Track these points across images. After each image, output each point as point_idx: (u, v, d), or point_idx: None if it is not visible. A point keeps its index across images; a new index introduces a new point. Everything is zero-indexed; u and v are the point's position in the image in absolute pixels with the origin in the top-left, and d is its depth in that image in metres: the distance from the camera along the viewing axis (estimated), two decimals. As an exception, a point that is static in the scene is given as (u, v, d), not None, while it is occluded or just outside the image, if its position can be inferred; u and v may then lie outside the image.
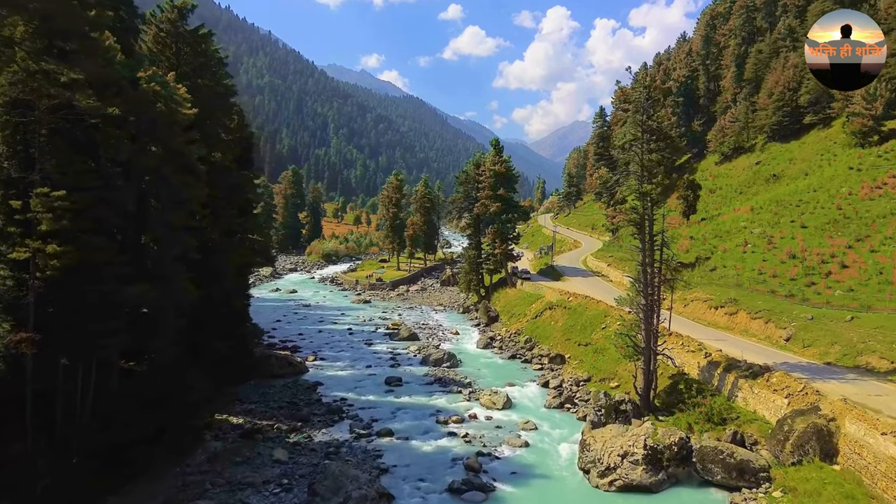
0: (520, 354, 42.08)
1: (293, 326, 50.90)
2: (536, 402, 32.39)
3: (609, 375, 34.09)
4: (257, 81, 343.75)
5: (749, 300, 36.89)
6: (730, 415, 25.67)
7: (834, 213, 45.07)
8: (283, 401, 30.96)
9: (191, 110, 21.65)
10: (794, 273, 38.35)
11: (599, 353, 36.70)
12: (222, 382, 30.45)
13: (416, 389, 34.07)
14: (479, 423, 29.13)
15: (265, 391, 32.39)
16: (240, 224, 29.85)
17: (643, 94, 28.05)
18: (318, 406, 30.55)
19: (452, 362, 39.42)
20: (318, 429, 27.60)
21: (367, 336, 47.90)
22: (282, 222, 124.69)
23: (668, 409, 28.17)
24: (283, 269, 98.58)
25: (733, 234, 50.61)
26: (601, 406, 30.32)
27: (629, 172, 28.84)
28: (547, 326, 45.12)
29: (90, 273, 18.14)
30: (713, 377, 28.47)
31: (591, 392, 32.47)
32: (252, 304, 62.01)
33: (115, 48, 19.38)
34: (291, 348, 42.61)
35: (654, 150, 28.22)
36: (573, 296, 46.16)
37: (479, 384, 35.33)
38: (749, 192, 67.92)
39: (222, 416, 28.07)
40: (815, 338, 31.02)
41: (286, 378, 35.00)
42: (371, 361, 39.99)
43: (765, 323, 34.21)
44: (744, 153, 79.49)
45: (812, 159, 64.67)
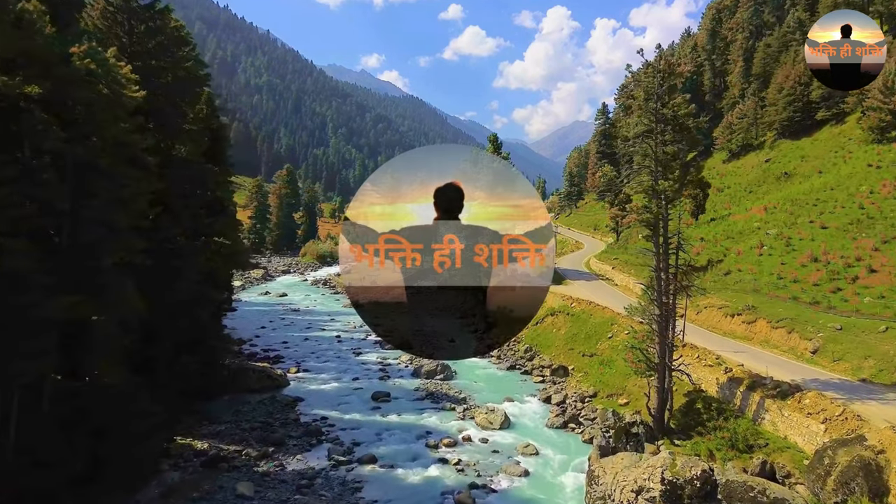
0: (519, 365, 39.08)
1: (278, 333, 47.89)
2: (537, 421, 29.37)
3: (617, 391, 31.09)
4: (255, 81, 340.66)
5: (769, 307, 33.88)
6: (757, 441, 22.63)
7: (856, 212, 42.04)
8: (256, 420, 27.93)
9: (138, 93, 18.68)
10: (817, 278, 35.31)
11: (606, 366, 33.69)
12: (189, 400, 27.50)
13: (406, 406, 31.06)
14: (473, 446, 26.13)
15: (239, 408, 29.36)
16: (208, 225, 26.85)
17: (657, 79, 25.06)
18: (294, 427, 27.53)
19: (446, 374, 36.42)
20: (293, 454, 24.58)
21: (356, 344, 44.88)
22: (276, 223, 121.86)
23: (685, 432, 25.18)
24: (276, 271, 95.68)
25: (746, 236, 47.62)
26: (609, 427, 27.31)
27: (642, 167, 25.84)
28: (548, 334, 42.12)
29: (7, 282, 15.15)
30: (735, 396, 25.45)
31: (598, 410, 29.49)
32: (238, 308, 59.40)
33: (42, 19, 16.36)
34: (273, 358, 39.60)
35: (669, 141, 25.27)
36: (577, 301, 43.16)
37: (474, 399, 32.32)
38: (759, 190, 64.97)
39: (186, 439, 25.06)
40: (846, 350, 28.01)
41: (264, 393, 31.97)
42: (358, 373, 36.98)
43: (787, 333, 31.20)
44: (752, 151, 76.57)
45: (826, 157, 61.73)
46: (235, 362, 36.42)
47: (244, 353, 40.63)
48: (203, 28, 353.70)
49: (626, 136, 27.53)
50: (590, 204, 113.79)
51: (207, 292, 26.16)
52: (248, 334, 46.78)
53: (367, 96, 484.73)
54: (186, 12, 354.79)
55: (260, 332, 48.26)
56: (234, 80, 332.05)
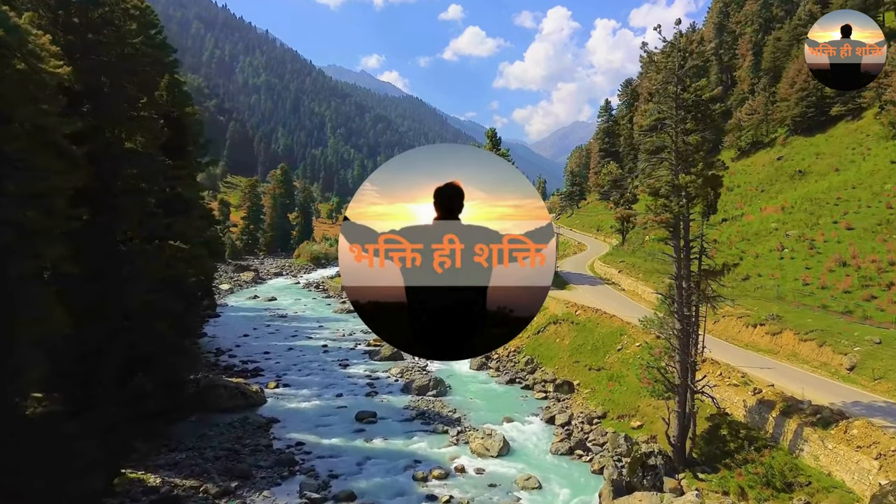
0: (520, 378, 35.85)
1: (261, 342, 44.64)
2: (540, 446, 26.14)
3: (629, 411, 27.88)
4: (253, 80, 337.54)
5: (795, 317, 30.65)
6: (796, 478, 19.41)
7: (883, 212, 38.89)
8: (223, 447, 24.70)
9: (61, 68, 15.53)
10: (847, 284, 32.13)
11: (616, 382, 30.47)
12: (146, 425, 24.29)
13: (393, 428, 27.84)
14: (467, 478, 22.91)
15: (205, 432, 26.16)
16: (167, 226, 23.59)
17: (677, 59, 21.88)
18: (265, 455, 24.30)
19: (439, 390, 33.21)
20: (259, 489, 21.37)
21: (343, 355, 41.63)
22: (270, 223, 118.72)
23: (710, 464, 21.97)
24: (268, 274, 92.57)
25: (763, 237, 44.44)
26: (621, 455, 24.13)
27: (660, 160, 22.66)
28: (551, 344, 38.90)
29: None
30: (766, 422, 22.24)
31: (608, 434, 26.27)
32: (222, 314, 56.42)
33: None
34: (252, 371, 36.38)
35: (691, 130, 22.09)
36: (582, 308, 39.94)
37: (469, 420, 29.12)
38: (772, 189, 61.77)
39: (138, 472, 21.86)
40: (888, 367, 24.73)
41: (236, 413, 28.73)
42: (343, 388, 33.75)
43: (818, 346, 27.93)
44: (763, 148, 73.44)
45: (842, 153, 58.57)
46: (208, 377, 33.25)
47: (221, 365, 37.44)
48: (201, 27, 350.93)
49: (642, 125, 24.33)
50: (592, 204, 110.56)
51: (166, 302, 22.94)
52: (228, 343, 43.60)
53: (366, 96, 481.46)
54: (184, 11, 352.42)
55: (242, 340, 45.03)
56: (232, 80, 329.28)
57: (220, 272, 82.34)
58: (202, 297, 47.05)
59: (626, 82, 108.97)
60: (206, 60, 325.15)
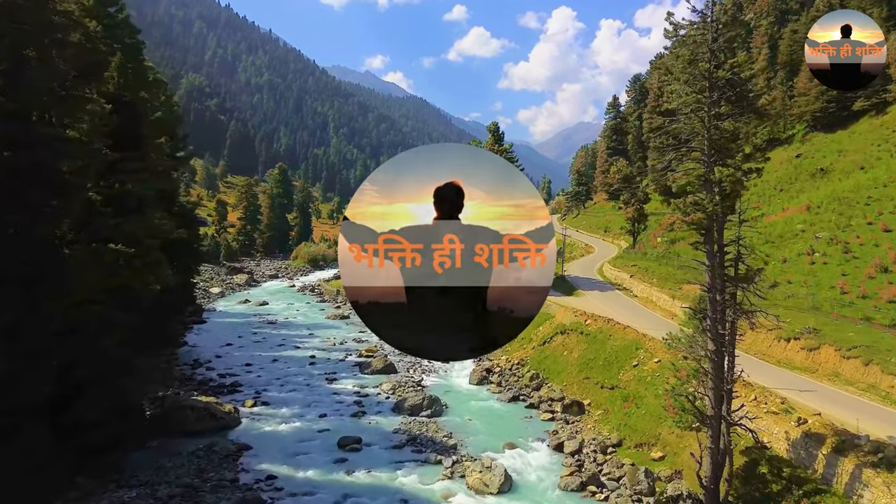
0: (524, 396, 32.48)
1: (244, 353, 41.37)
2: (547, 481, 22.76)
3: (648, 439, 24.45)
4: (256, 80, 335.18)
5: (835, 331, 27.17)
6: (858, 533, 16.10)
7: (924, 212, 35.39)
8: (180, 482, 21.40)
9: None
10: (891, 293, 28.67)
11: (632, 404, 27.05)
12: (93, 456, 21.06)
13: (379, 458, 24.49)
14: (462, 522, 19.61)
15: (163, 463, 22.86)
16: (114, 227, 20.31)
17: (710, 32, 18.51)
18: (229, 491, 21.00)
19: (434, 409, 29.88)
20: (217, 539, 18.13)
21: (331, 367, 38.27)
22: (267, 224, 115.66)
23: (749, 510, 18.62)
24: (263, 276, 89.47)
25: (789, 240, 40.95)
26: (641, 494, 20.79)
27: (690, 149, 19.32)
28: (558, 357, 35.48)
29: None
30: (815, 459, 18.83)
31: (625, 466, 22.88)
32: (209, 320, 53.17)
33: None
34: (229, 387, 33.10)
35: (726, 115, 18.75)
36: (592, 318, 36.51)
37: (467, 446, 25.77)
38: (791, 188, 58.22)
39: (75, 516, 18.65)
40: (951, 392, 21.40)
41: (204, 437, 25.42)
42: (328, 408, 30.42)
43: (864, 365, 24.43)
44: (780, 145, 69.85)
45: (868, 150, 55.02)
46: (178, 394, 30.10)
47: (196, 379, 34.18)
48: (203, 27, 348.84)
49: (669, 108, 20.95)
50: (599, 204, 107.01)
51: (112, 315, 19.72)
52: (209, 353, 40.38)
53: (370, 96, 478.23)
54: (187, 11, 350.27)
55: (224, 350, 41.78)
56: (235, 80, 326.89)
57: (213, 274, 79.33)
58: (184, 303, 43.91)
59: (634, 78, 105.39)
60: (209, 60, 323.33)
